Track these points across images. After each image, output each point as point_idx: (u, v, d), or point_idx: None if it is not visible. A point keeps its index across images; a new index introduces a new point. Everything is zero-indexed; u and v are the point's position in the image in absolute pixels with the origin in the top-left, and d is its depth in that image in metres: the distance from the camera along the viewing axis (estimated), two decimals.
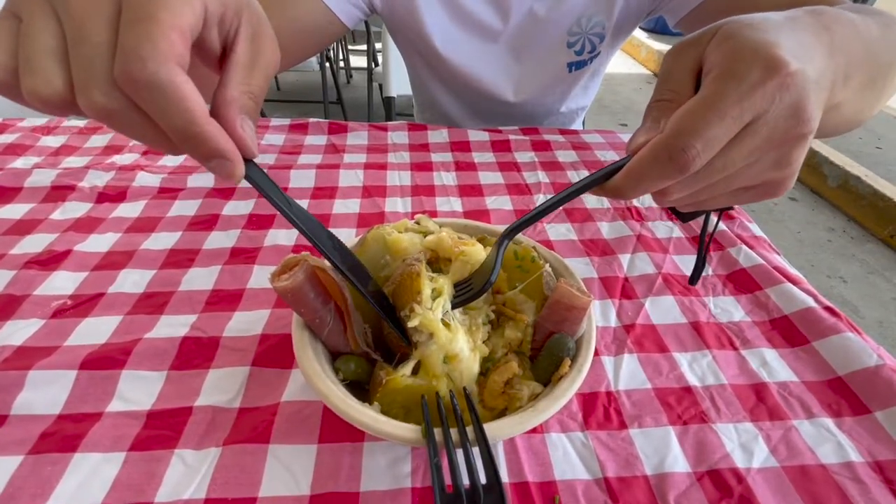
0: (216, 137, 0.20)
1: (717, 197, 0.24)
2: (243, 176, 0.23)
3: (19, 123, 0.64)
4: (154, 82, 0.18)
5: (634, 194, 0.24)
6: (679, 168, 0.21)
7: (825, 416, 0.32)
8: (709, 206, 0.25)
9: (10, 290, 0.39)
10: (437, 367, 0.27)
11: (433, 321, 0.27)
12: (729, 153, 0.22)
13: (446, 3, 0.63)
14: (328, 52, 2.09)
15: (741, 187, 0.24)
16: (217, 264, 0.42)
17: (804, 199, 2.20)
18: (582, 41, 0.65)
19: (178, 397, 0.31)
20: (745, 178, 0.23)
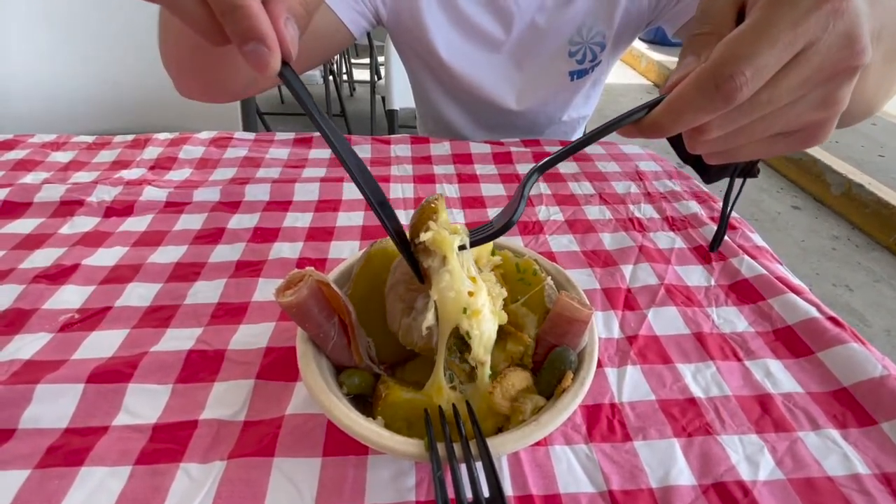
0: (258, 17, 0.21)
1: (753, 143, 0.23)
2: (278, 69, 0.22)
3: (30, 139, 0.65)
4: None
5: (673, 129, 0.23)
6: (725, 97, 0.20)
7: (831, 427, 0.32)
8: (742, 154, 0.24)
9: (19, 304, 0.39)
10: (455, 313, 0.25)
11: (446, 240, 0.25)
12: (777, 84, 0.21)
13: (450, 13, 0.64)
14: (331, 66, 2.12)
15: (780, 133, 0.23)
16: (222, 278, 0.43)
17: (807, 207, 2.19)
18: (583, 50, 0.66)
19: (184, 411, 0.31)
20: (787, 118, 0.22)
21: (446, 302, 0.26)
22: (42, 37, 0.90)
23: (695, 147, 0.24)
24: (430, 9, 0.64)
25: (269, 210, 0.52)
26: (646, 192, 0.58)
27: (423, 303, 0.28)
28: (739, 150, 0.24)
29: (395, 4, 0.64)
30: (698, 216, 0.53)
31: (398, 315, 0.29)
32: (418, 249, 0.27)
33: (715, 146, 0.24)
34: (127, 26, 0.93)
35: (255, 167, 0.61)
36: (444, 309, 0.26)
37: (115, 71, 0.94)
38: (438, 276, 0.26)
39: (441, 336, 0.27)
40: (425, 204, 0.28)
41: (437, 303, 0.26)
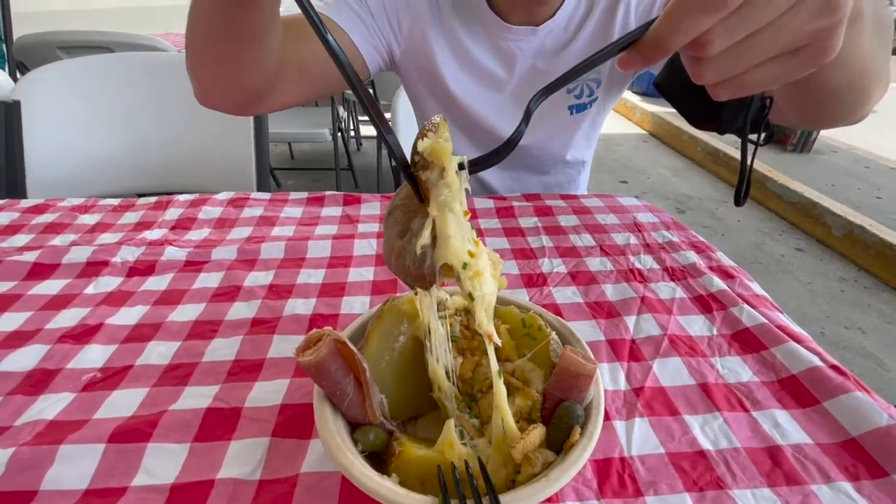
0: None
1: (762, 67, 0.23)
2: None
3: (59, 203, 0.69)
4: None
5: (674, 40, 0.23)
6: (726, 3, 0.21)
7: (843, 479, 0.32)
8: (752, 81, 0.24)
9: (45, 364, 0.41)
10: (454, 236, 0.25)
11: (444, 148, 0.25)
12: None
13: (458, 54, 0.70)
14: (340, 124, 2.24)
15: (788, 52, 0.23)
16: (239, 335, 0.44)
17: (810, 249, 2.20)
18: (580, 87, 0.72)
19: (201, 470, 0.32)
20: (791, 28, 0.22)
21: (445, 220, 0.25)
22: (72, 107, 0.98)
23: (700, 72, 0.23)
24: (441, 49, 0.70)
25: (283, 267, 0.55)
26: (644, 242, 0.60)
27: (419, 223, 0.26)
28: (748, 77, 0.24)
29: (408, 44, 0.70)
30: (697, 266, 0.54)
31: (393, 239, 0.27)
32: (417, 166, 0.26)
33: (720, 68, 0.23)
34: (150, 96, 1.00)
35: (271, 226, 0.64)
36: (442, 224, 0.25)
37: (141, 136, 1.01)
38: (436, 190, 0.25)
39: (436, 260, 0.26)
40: (426, 123, 0.27)
41: (435, 220, 0.25)
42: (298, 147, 3.05)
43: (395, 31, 0.69)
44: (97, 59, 1.01)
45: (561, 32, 0.69)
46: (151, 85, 1.01)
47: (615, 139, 3.61)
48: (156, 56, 1.06)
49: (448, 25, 0.69)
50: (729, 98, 0.25)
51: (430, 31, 0.69)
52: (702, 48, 0.23)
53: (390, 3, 0.68)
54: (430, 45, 0.70)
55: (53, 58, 1.60)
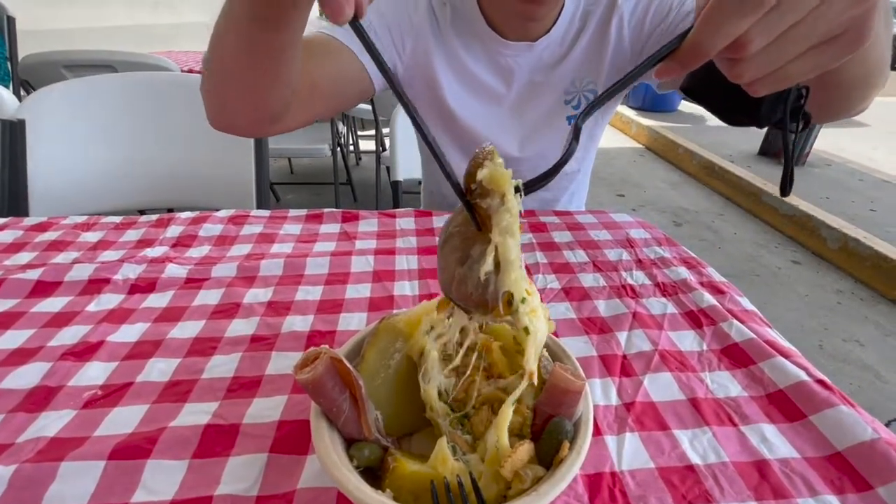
0: None
1: (800, 59, 0.23)
2: (351, 16, 0.26)
3: (62, 221, 0.70)
4: None
5: (714, 43, 0.23)
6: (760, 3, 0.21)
7: (828, 493, 0.32)
8: (790, 73, 0.24)
9: (46, 381, 0.41)
10: (515, 260, 0.25)
11: (504, 175, 0.25)
12: None
13: (457, 69, 0.73)
14: (339, 139, 2.27)
15: (823, 41, 0.23)
16: (238, 352, 0.45)
17: (807, 261, 2.22)
18: (577, 97, 0.74)
19: (200, 486, 0.33)
20: (827, 18, 0.22)
21: (507, 246, 0.25)
22: (75, 126, 1.00)
23: (740, 72, 0.24)
24: (441, 66, 0.72)
25: (282, 284, 0.56)
26: (637, 258, 0.61)
27: (479, 250, 0.27)
28: (786, 70, 0.24)
29: (411, 61, 0.73)
30: (688, 281, 0.56)
31: (452, 266, 0.28)
32: (475, 193, 0.27)
33: (759, 65, 0.23)
34: (153, 114, 1.03)
35: (270, 243, 0.65)
36: (504, 251, 0.25)
37: (143, 154, 1.03)
38: (498, 216, 0.25)
39: (499, 286, 0.26)
40: (478, 151, 0.27)
41: (497, 246, 0.25)
42: (298, 162, 3.08)
43: (398, 49, 0.72)
44: (101, 80, 1.03)
45: (556, 47, 0.72)
46: (154, 104, 1.03)
47: (612, 153, 3.65)
48: (159, 76, 1.09)
49: (448, 43, 0.72)
50: (767, 93, 0.25)
51: (432, 49, 0.72)
52: (741, 49, 0.23)
53: (394, 22, 0.70)
54: (431, 62, 0.72)
55: (58, 76, 1.63)
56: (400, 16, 0.71)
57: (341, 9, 0.25)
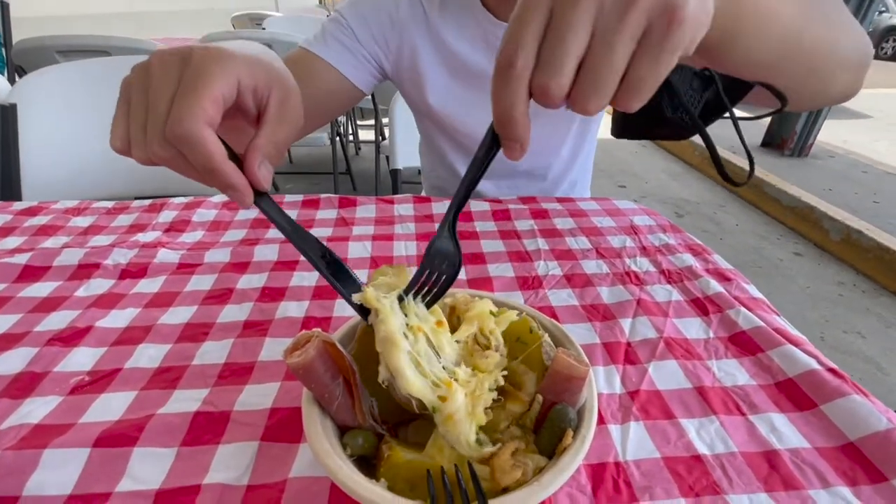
0: (229, 175, 0.28)
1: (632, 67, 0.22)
2: (251, 203, 0.30)
3: (53, 206, 0.68)
4: (186, 135, 0.26)
5: (516, 125, 0.24)
6: (507, 63, 0.22)
7: (841, 484, 0.31)
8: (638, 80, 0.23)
9: (32, 367, 0.40)
10: (410, 376, 0.26)
11: (368, 294, 0.29)
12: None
13: (447, 61, 0.70)
14: (338, 128, 2.24)
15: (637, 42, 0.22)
16: (230, 338, 0.44)
17: (808, 253, 2.20)
18: None
19: (188, 475, 0.31)
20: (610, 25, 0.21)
21: (389, 355, 0.27)
22: (68, 110, 0.97)
23: (584, 107, 0.23)
24: (429, 60, 0.70)
25: (276, 270, 0.54)
26: (641, 245, 0.60)
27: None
28: (632, 81, 0.23)
29: (396, 58, 0.71)
30: (693, 268, 0.54)
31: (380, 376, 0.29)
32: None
33: (588, 91, 0.23)
34: None
35: (265, 228, 0.63)
36: (387, 359, 0.27)
37: None
38: (376, 329, 0.28)
39: (400, 392, 0.27)
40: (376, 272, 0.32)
41: (381, 356, 0.27)
42: (297, 151, 3.05)
43: (383, 50, 0.70)
44: (95, 63, 1.01)
45: None
46: None
47: (612, 144, 3.62)
48: None
49: (435, 31, 0.69)
50: (642, 104, 0.24)
51: (418, 42, 0.70)
52: (545, 95, 0.23)
53: (375, 24, 0.68)
54: (417, 58, 0.70)
55: (52, 62, 1.61)
56: (380, 15, 0.68)
57: (241, 202, 0.30)
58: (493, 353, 0.30)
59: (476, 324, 0.32)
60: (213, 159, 0.27)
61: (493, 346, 0.31)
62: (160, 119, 0.27)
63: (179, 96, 0.27)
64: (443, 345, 0.30)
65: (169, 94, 0.27)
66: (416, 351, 0.28)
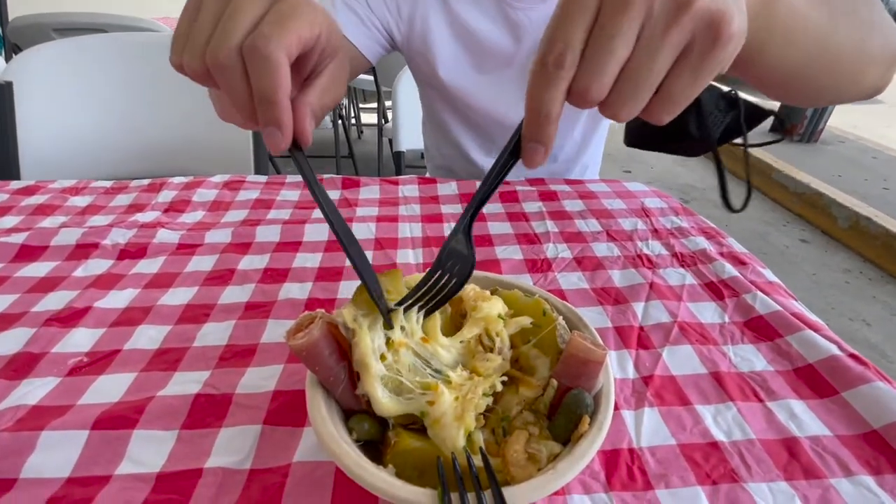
0: (284, 109, 0.26)
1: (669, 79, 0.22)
2: (286, 148, 0.27)
3: (50, 185, 0.67)
4: (267, 54, 0.25)
5: (549, 126, 0.23)
6: (555, 62, 0.21)
7: (864, 473, 0.30)
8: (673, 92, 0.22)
9: (30, 347, 0.39)
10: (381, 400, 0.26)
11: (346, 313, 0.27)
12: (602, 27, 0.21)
13: (460, 35, 0.68)
14: (340, 111, 2.21)
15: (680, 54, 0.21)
16: (231, 319, 0.43)
17: (815, 240, 2.18)
18: None
19: (189, 458, 0.30)
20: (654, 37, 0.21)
21: (364, 379, 0.26)
22: (66, 88, 0.95)
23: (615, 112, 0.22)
24: (441, 33, 0.68)
25: (279, 251, 0.53)
26: (653, 228, 0.58)
27: None
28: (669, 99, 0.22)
29: (408, 28, 0.68)
30: (707, 252, 0.53)
31: None
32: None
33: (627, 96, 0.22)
34: (146, 77, 0.98)
35: (267, 209, 0.62)
36: (363, 383, 0.26)
37: (136, 119, 0.99)
38: (354, 349, 0.27)
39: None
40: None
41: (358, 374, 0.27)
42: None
43: (394, 17, 0.68)
44: (91, 39, 0.98)
45: None
46: (147, 66, 0.98)
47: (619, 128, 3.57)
48: (151, 37, 1.03)
49: (449, 3, 0.67)
50: (672, 117, 0.23)
51: (431, 13, 0.67)
52: (582, 97, 0.22)
53: None
54: (429, 30, 0.68)
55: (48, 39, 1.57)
56: None
57: (276, 145, 0.27)
58: (494, 357, 0.29)
59: (482, 325, 0.30)
60: (279, 89, 0.25)
61: (497, 348, 0.30)
62: (239, 29, 0.25)
63: (269, 22, 0.25)
64: (436, 351, 0.29)
65: (255, 12, 0.26)
66: (398, 367, 0.27)
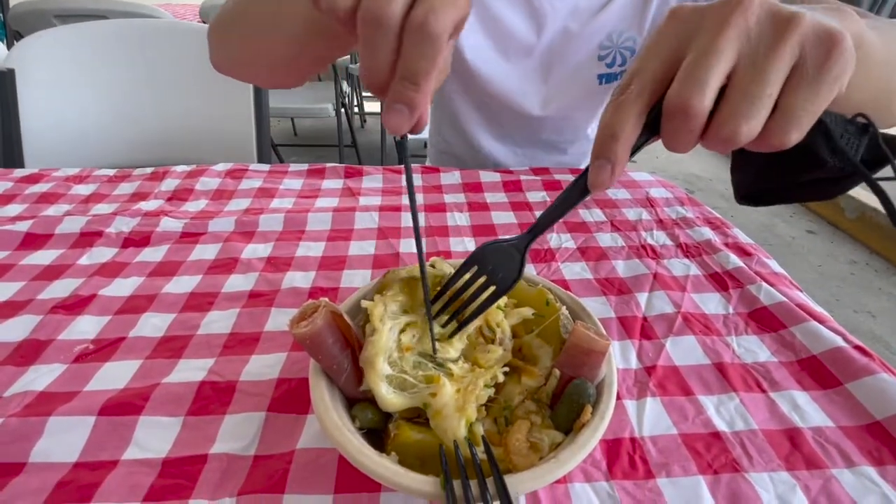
0: (426, 94, 0.24)
1: (783, 95, 0.21)
2: (407, 130, 0.25)
3: (54, 173, 0.67)
4: (437, 36, 0.22)
5: (611, 147, 0.22)
6: (622, 88, 0.21)
7: (866, 464, 0.30)
8: (796, 113, 0.21)
9: (36, 334, 0.39)
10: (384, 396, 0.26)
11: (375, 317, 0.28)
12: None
13: (481, 14, 0.66)
14: (343, 99, 2.19)
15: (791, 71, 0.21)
16: (235, 307, 0.43)
17: (822, 231, 2.16)
18: (613, 54, 0.67)
19: (194, 444, 0.31)
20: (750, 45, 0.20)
21: (368, 378, 0.26)
22: (67, 75, 0.95)
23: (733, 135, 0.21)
24: None
25: (282, 240, 0.53)
26: (657, 218, 0.58)
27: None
28: (786, 110, 0.21)
29: None
30: (712, 242, 0.52)
31: None
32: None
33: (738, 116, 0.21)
34: (148, 64, 0.97)
35: (270, 198, 0.62)
36: (368, 380, 0.27)
37: (138, 106, 0.99)
38: (365, 345, 0.27)
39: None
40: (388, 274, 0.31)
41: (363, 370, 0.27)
42: (301, 123, 3.00)
43: None
44: (93, 26, 0.97)
45: None
46: (149, 53, 0.97)
47: None
48: (152, 23, 1.02)
49: None
50: (801, 136, 0.22)
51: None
52: (685, 114, 0.20)
53: None
54: None
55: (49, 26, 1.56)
56: None
57: (401, 127, 0.24)
58: (494, 348, 0.30)
59: (483, 316, 0.30)
60: (430, 73, 0.23)
61: (498, 339, 0.30)
62: None
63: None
64: (445, 349, 0.29)
65: None
66: (402, 365, 0.27)
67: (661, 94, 0.21)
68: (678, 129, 0.21)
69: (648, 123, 0.22)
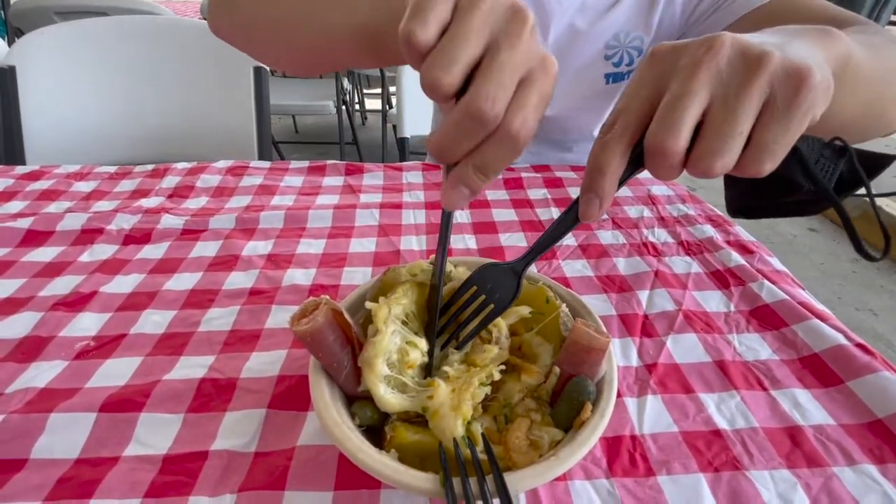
0: (490, 182, 0.24)
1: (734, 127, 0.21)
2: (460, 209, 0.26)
3: (55, 170, 0.67)
4: (522, 145, 0.23)
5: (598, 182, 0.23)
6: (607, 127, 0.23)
7: (868, 462, 0.30)
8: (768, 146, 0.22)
9: (37, 331, 0.40)
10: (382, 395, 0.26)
11: (380, 319, 0.27)
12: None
13: None
14: (344, 96, 2.19)
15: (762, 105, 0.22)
16: (236, 304, 0.43)
17: (824, 230, 2.16)
18: (620, 53, 0.66)
19: (195, 441, 0.31)
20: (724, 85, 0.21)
21: (365, 377, 0.27)
22: (68, 71, 0.95)
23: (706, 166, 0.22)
24: None
25: (282, 237, 0.53)
26: (659, 216, 0.57)
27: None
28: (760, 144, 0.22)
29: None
30: (714, 240, 0.52)
31: None
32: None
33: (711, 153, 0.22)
34: (149, 60, 0.97)
35: (270, 195, 0.62)
36: (365, 380, 0.27)
37: (138, 102, 0.98)
38: (365, 346, 0.27)
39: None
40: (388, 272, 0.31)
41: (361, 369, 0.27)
42: (302, 120, 3.00)
43: None
44: (93, 23, 0.97)
45: None
46: (149, 49, 0.97)
47: None
48: (153, 19, 1.02)
49: None
50: (773, 167, 0.23)
51: None
52: (662, 154, 0.22)
53: None
54: None
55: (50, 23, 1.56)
56: None
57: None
58: (490, 348, 0.30)
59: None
60: (499, 169, 0.23)
61: (494, 338, 0.30)
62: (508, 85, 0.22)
63: (540, 96, 0.23)
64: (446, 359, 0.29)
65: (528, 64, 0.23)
66: (401, 368, 0.28)
67: (643, 131, 0.23)
68: (659, 165, 0.22)
69: (633, 159, 0.23)
